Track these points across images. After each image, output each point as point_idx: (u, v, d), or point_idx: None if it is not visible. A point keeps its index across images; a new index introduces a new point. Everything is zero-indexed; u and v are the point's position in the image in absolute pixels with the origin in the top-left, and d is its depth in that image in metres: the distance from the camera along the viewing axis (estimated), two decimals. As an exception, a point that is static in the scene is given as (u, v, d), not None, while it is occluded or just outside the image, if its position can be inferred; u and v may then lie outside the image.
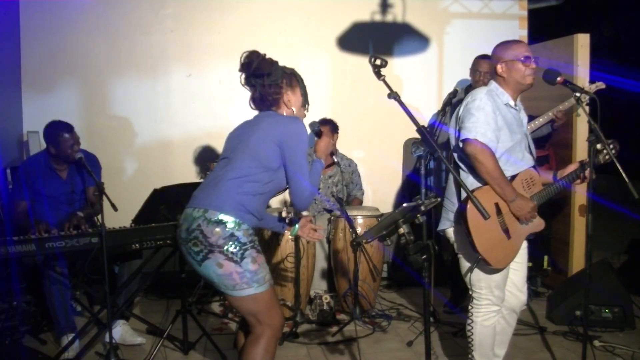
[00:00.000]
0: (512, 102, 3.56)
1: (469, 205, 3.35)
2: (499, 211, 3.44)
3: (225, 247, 2.92)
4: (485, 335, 3.63)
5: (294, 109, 3.23)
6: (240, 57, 3.17)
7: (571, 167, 3.67)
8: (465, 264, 3.62)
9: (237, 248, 2.93)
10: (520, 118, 3.63)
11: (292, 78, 3.26)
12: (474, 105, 3.47)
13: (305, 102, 3.30)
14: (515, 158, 3.54)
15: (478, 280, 3.56)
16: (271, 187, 3.11)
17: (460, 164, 3.56)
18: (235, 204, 2.97)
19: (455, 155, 3.60)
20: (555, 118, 5.16)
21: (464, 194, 3.45)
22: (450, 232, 3.65)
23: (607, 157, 3.54)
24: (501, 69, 3.54)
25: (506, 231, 3.47)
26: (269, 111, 3.22)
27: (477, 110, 3.44)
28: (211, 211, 2.96)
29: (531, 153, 3.66)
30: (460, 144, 3.48)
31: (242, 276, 2.94)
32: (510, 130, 3.50)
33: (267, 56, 3.19)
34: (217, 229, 2.92)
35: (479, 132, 3.39)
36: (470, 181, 3.51)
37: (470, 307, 3.66)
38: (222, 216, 2.94)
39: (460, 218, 3.43)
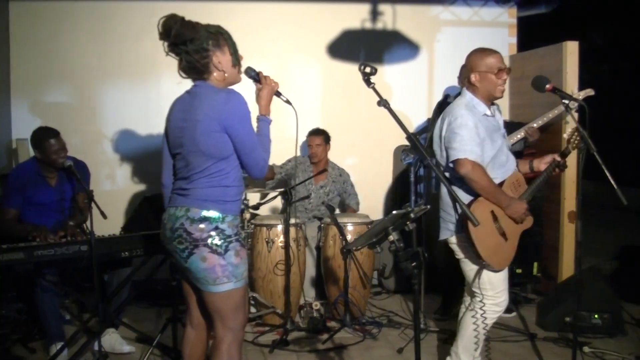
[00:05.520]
0: (488, 112, 3.65)
1: None
2: (495, 218, 3.57)
3: (210, 240, 2.91)
4: (482, 335, 3.70)
5: (225, 71, 3.02)
6: (158, 25, 2.96)
7: (548, 159, 3.84)
8: (469, 268, 3.70)
9: (222, 240, 2.93)
10: (497, 122, 3.74)
11: (219, 37, 3.01)
12: (456, 124, 3.56)
13: (236, 61, 3.06)
14: (500, 162, 3.66)
15: (483, 282, 3.64)
16: (238, 169, 3.04)
17: (452, 179, 3.63)
18: (214, 198, 2.94)
19: (447, 172, 3.68)
20: (527, 135, 5.21)
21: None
22: (453, 240, 3.71)
23: (575, 142, 3.67)
24: (474, 78, 3.63)
25: (503, 234, 3.59)
26: (201, 83, 3.03)
27: (460, 129, 3.54)
28: (193, 209, 2.93)
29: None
30: (451, 165, 3.56)
31: (224, 269, 2.93)
32: (491, 139, 3.62)
33: (186, 19, 2.98)
34: (202, 225, 2.91)
35: (467, 149, 3.50)
36: (462, 195, 3.58)
37: (473, 307, 3.71)
38: (204, 213, 2.92)
39: (462, 228, 3.53)
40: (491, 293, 3.63)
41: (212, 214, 2.93)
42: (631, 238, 7.04)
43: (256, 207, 5.67)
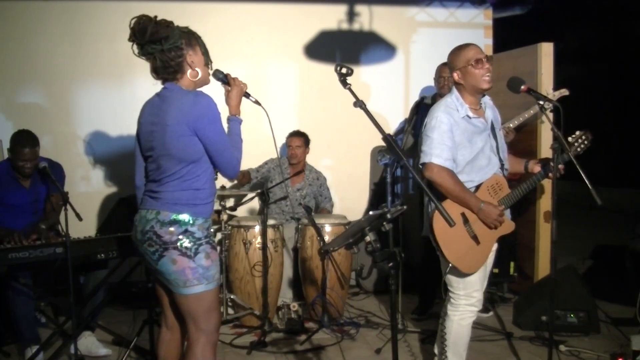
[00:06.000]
0: (471, 113, 3.58)
1: (435, 218, 3.46)
2: (465, 220, 3.55)
3: (179, 243, 2.91)
4: (461, 335, 3.69)
5: (198, 70, 3.03)
6: (130, 24, 2.92)
7: (536, 169, 3.81)
8: (445, 267, 3.68)
9: (192, 243, 2.93)
10: (484, 122, 3.65)
11: (191, 37, 3.03)
12: (430, 126, 3.56)
13: (207, 60, 3.10)
14: (479, 165, 3.61)
15: (456, 282, 3.63)
16: (209, 172, 3.05)
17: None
18: (185, 202, 2.95)
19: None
20: (503, 135, 5.22)
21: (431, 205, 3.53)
22: None
23: (579, 149, 3.73)
24: (457, 76, 3.60)
25: (475, 238, 3.56)
26: (170, 85, 3.01)
27: (431, 131, 3.53)
28: (163, 213, 2.93)
29: (498, 154, 3.71)
30: (420, 167, 3.57)
31: (194, 272, 2.93)
32: (470, 142, 3.56)
33: (158, 18, 2.97)
34: (172, 229, 2.91)
35: (434, 153, 3.49)
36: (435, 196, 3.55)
37: (447, 307, 3.72)
38: (174, 216, 2.92)
39: (429, 230, 3.52)
40: (463, 293, 3.62)
41: (183, 217, 2.93)
42: (609, 237, 7.12)
43: (233, 208, 5.64)
